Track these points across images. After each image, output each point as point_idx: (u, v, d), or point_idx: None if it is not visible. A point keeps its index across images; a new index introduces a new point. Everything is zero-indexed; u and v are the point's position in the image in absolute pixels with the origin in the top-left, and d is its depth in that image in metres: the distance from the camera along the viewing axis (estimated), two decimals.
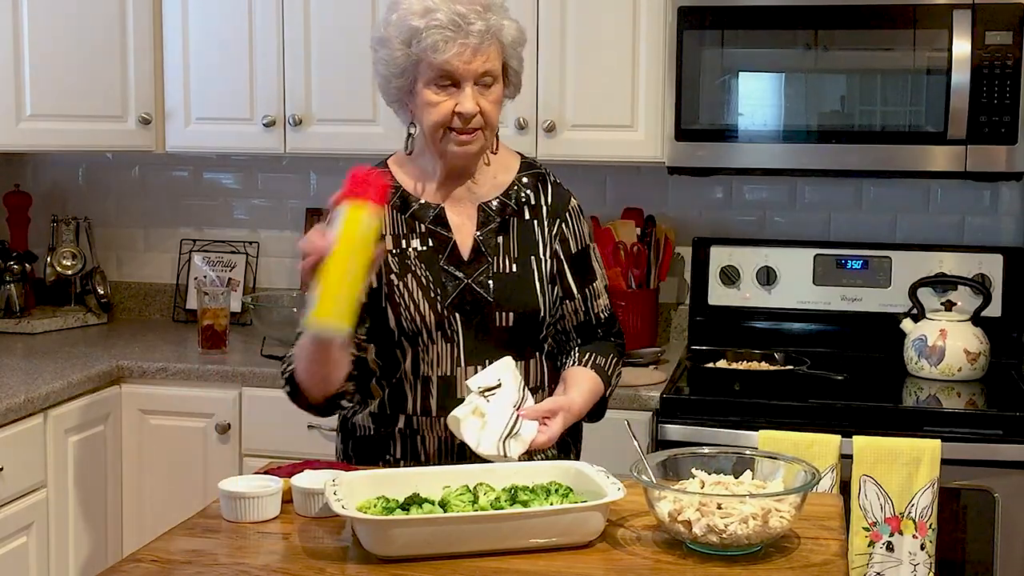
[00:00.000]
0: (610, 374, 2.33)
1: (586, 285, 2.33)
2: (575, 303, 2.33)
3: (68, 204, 4.00)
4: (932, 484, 2.77)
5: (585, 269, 2.33)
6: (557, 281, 2.31)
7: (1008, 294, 3.34)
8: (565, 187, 2.38)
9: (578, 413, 2.26)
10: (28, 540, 2.93)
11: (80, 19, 3.42)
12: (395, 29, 2.16)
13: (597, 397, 2.32)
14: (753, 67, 3.23)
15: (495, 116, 2.20)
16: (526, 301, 2.25)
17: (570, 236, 2.33)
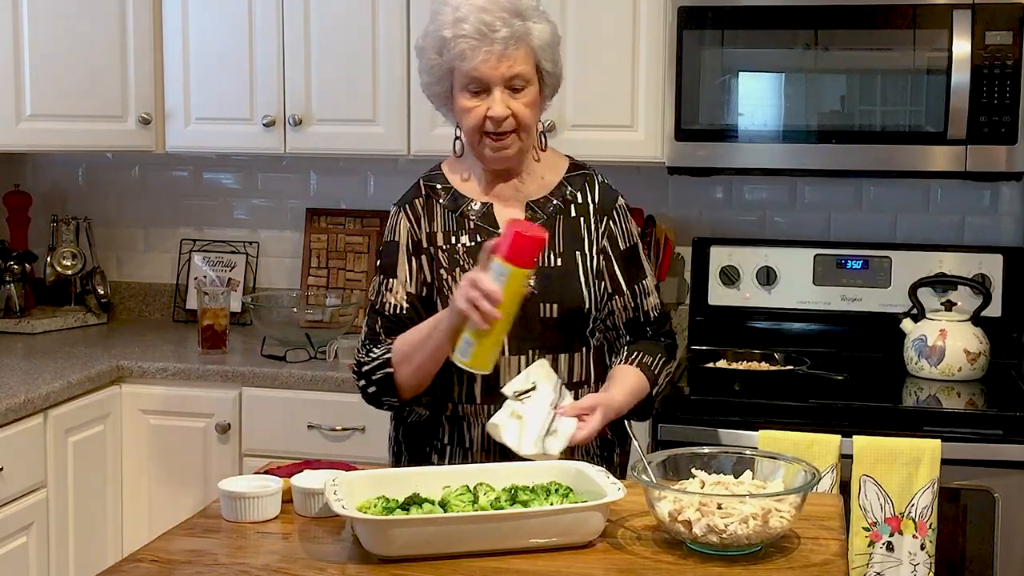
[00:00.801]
0: (656, 372, 2.36)
1: (635, 282, 2.38)
2: (624, 299, 2.37)
3: (68, 204, 4.00)
4: (932, 484, 2.77)
5: (635, 266, 2.39)
6: (605, 277, 2.35)
7: (1008, 294, 3.34)
8: (614, 187, 2.44)
9: (618, 409, 2.27)
10: (28, 540, 2.93)
11: (80, 19, 3.42)
12: (430, 40, 2.28)
13: (641, 395, 2.34)
14: (753, 67, 3.23)
15: (528, 118, 2.26)
16: (570, 294, 2.30)
17: (618, 233, 2.38)
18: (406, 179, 3.81)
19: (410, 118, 3.40)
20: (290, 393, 3.23)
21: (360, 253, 3.78)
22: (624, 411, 2.30)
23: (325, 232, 3.81)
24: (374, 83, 3.41)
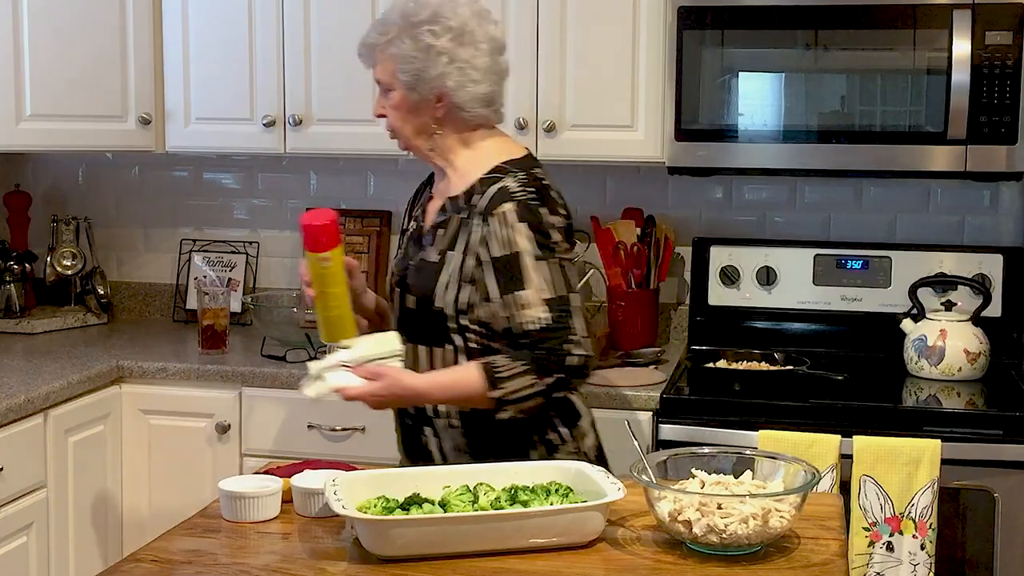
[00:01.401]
0: (500, 376, 2.26)
1: (508, 292, 2.29)
2: (494, 307, 2.32)
3: (68, 204, 4.00)
4: (932, 484, 2.77)
5: (510, 276, 2.30)
6: (475, 282, 2.33)
7: (1008, 294, 3.34)
8: (513, 196, 2.33)
9: (414, 390, 2.31)
10: (28, 540, 2.93)
11: (80, 19, 3.42)
12: None
13: (463, 391, 2.30)
14: (753, 67, 3.23)
15: (393, 119, 2.46)
16: (426, 290, 2.38)
17: (493, 239, 2.31)
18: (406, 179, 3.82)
19: None
20: (290, 393, 3.22)
21: (360, 253, 3.78)
22: (429, 399, 2.35)
23: None
24: (374, 83, 3.41)
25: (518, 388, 2.26)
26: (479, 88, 2.39)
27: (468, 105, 2.40)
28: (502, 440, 2.36)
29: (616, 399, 3.04)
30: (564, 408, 2.43)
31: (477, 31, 2.39)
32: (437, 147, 2.45)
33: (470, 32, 2.38)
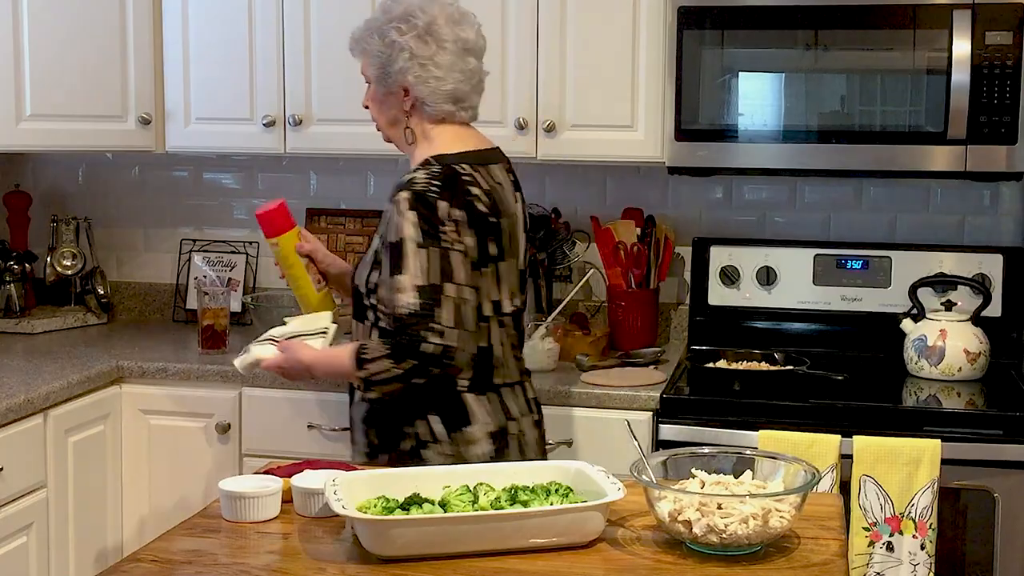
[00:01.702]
0: (365, 357, 2.37)
1: (391, 275, 2.39)
2: (383, 289, 2.44)
3: (68, 204, 4.00)
4: (932, 484, 2.77)
5: (394, 261, 2.38)
6: (379, 263, 2.48)
7: (1008, 294, 3.34)
8: (418, 185, 2.41)
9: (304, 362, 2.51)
10: (28, 540, 2.93)
11: (80, 19, 3.42)
12: None
13: (338, 369, 2.46)
14: (753, 67, 3.23)
15: (371, 110, 2.65)
16: (356, 271, 2.59)
17: (389, 225, 2.42)
18: None
19: None
20: (290, 393, 3.22)
21: (360, 253, 3.78)
22: (316, 373, 2.53)
23: (325, 232, 3.81)
24: None
25: (378, 371, 2.36)
26: (442, 84, 2.51)
27: (430, 99, 2.52)
28: (384, 421, 2.50)
29: (616, 399, 3.04)
30: (450, 407, 2.46)
31: (444, 30, 2.50)
32: (405, 138, 2.59)
33: (436, 31, 2.50)
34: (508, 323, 2.56)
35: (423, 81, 2.50)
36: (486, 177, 2.50)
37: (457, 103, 2.54)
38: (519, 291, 2.60)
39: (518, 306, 2.60)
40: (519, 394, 2.58)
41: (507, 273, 2.53)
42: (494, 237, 2.48)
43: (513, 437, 2.53)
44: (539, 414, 2.66)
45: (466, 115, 2.57)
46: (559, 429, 3.06)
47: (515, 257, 2.57)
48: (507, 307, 2.54)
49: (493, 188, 2.50)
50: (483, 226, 2.45)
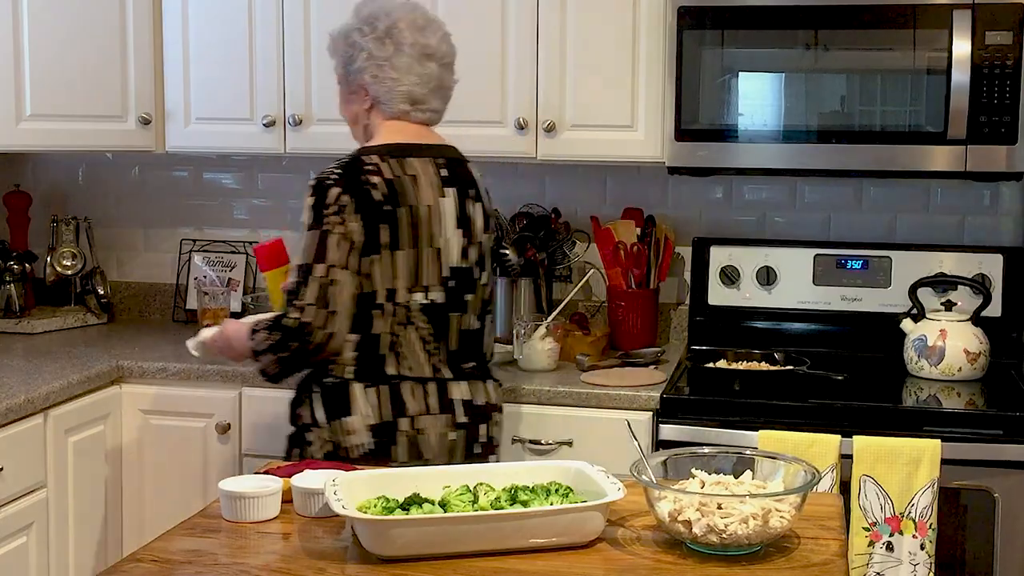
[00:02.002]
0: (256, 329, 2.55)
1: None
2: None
3: (68, 204, 4.00)
4: (932, 484, 2.77)
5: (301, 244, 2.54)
6: None
7: (1008, 294, 3.35)
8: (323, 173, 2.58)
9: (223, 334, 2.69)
10: (28, 540, 2.93)
11: (80, 19, 3.42)
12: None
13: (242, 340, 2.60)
14: (753, 67, 3.23)
15: (340, 108, 2.77)
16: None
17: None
18: None
19: None
20: (290, 393, 3.21)
21: None
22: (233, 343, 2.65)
23: None
24: None
25: (259, 342, 2.51)
26: (397, 85, 2.62)
27: (386, 98, 2.64)
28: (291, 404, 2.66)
29: (616, 399, 3.04)
30: (334, 394, 2.54)
31: (404, 35, 2.61)
32: (363, 135, 2.72)
33: (396, 35, 2.61)
34: (418, 316, 2.57)
35: (380, 81, 2.63)
36: (394, 168, 2.56)
37: (414, 104, 2.65)
38: (440, 284, 2.60)
39: (437, 300, 2.60)
40: (431, 393, 2.58)
41: (406, 263, 2.55)
42: (388, 225, 2.52)
43: (403, 435, 2.54)
44: (472, 418, 2.64)
45: (422, 116, 2.67)
46: (559, 429, 3.06)
47: (423, 248, 2.57)
48: (407, 298, 2.55)
49: (399, 179, 2.55)
50: (375, 213, 2.51)
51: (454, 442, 2.60)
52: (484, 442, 2.68)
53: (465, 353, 2.66)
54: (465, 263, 2.65)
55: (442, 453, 2.59)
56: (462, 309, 2.65)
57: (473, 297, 2.67)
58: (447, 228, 2.61)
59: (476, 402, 2.65)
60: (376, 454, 2.53)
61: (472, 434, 2.64)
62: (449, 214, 2.62)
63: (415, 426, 2.56)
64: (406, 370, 2.56)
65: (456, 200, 2.64)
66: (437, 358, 2.60)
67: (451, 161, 2.68)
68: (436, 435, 2.58)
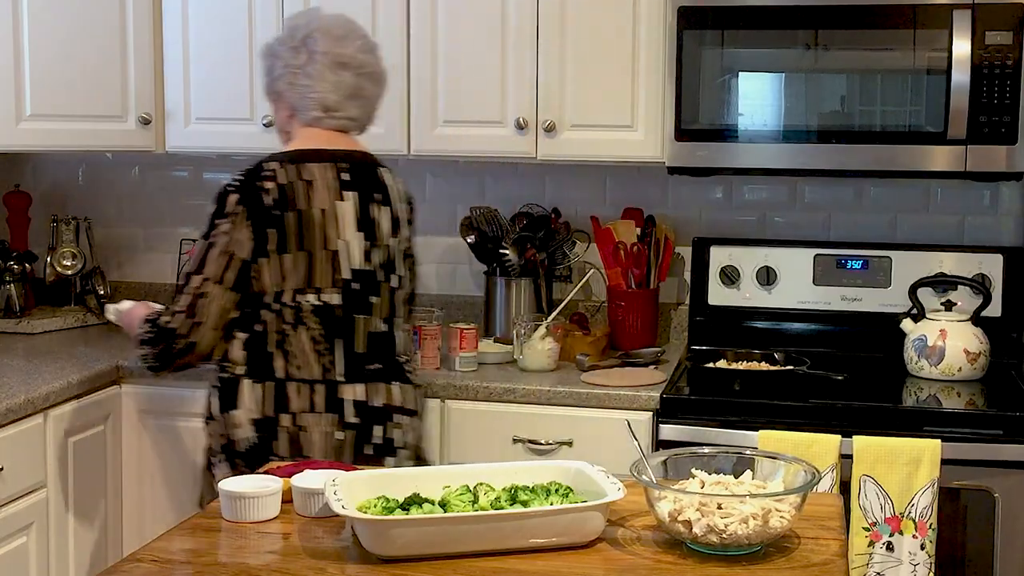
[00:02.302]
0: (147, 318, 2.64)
1: None
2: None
3: (68, 204, 4.00)
4: (932, 484, 2.77)
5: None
6: None
7: (1008, 294, 3.35)
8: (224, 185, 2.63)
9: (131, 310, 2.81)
10: (28, 540, 2.93)
11: (80, 19, 3.42)
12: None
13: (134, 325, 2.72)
14: (753, 67, 3.23)
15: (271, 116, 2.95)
16: None
17: None
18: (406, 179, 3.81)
19: (410, 118, 3.40)
20: None
21: None
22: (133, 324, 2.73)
23: None
24: None
25: (141, 333, 2.63)
26: (310, 92, 2.69)
27: (300, 105, 2.71)
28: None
29: (616, 399, 3.04)
30: (226, 388, 2.62)
31: (318, 44, 2.68)
32: (284, 142, 2.78)
33: (311, 44, 2.69)
34: (309, 317, 2.60)
35: (294, 88, 2.70)
36: (290, 173, 2.60)
37: (327, 111, 2.70)
38: (335, 286, 2.62)
39: (331, 302, 2.62)
40: (318, 392, 2.61)
41: (295, 266, 2.59)
42: (275, 229, 2.57)
43: (284, 430, 2.59)
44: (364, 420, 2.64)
45: (335, 123, 2.72)
46: (559, 429, 3.06)
47: (316, 250, 2.60)
48: (297, 300, 2.59)
49: (292, 184, 2.60)
50: (264, 218, 2.57)
51: (341, 442, 2.62)
52: (379, 444, 2.67)
53: (372, 355, 2.68)
54: (368, 265, 2.67)
55: (328, 452, 2.62)
56: (367, 311, 2.67)
57: (379, 300, 2.69)
58: (345, 231, 2.64)
59: (372, 403, 2.66)
60: (260, 448, 2.60)
61: (363, 435, 2.65)
62: (348, 217, 2.65)
63: (296, 423, 2.60)
64: (294, 369, 2.60)
65: (356, 203, 2.66)
66: (328, 359, 2.63)
67: (357, 165, 2.70)
68: (320, 433, 2.61)
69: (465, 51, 3.35)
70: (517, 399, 3.09)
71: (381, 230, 2.70)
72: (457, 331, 3.22)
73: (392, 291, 2.72)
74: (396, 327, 2.74)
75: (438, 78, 3.37)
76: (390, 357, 2.71)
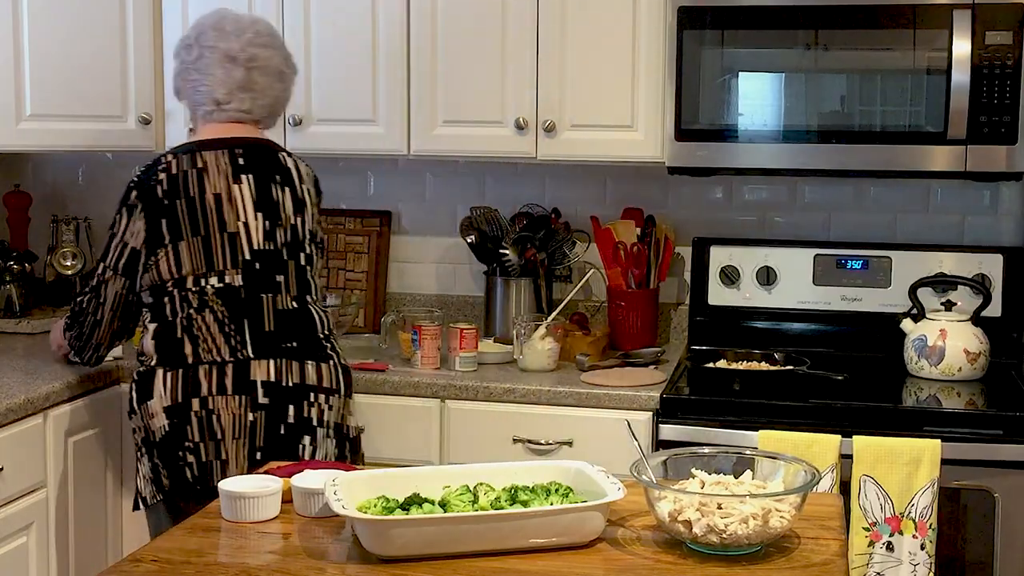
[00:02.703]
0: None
1: None
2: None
3: (68, 204, 4.00)
4: (932, 484, 2.77)
5: None
6: None
7: (1008, 294, 3.34)
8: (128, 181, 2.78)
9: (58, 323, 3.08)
10: (28, 540, 2.92)
11: (80, 19, 3.42)
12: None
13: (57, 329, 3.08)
14: (753, 67, 3.23)
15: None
16: None
17: None
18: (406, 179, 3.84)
19: (410, 118, 3.40)
20: None
21: (360, 253, 3.78)
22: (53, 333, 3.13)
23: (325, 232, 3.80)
24: (374, 83, 3.42)
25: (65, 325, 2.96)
26: (199, 85, 2.80)
27: (195, 99, 2.83)
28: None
29: (616, 399, 3.04)
30: (142, 382, 2.72)
31: (209, 40, 2.79)
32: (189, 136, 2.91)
33: (201, 41, 2.80)
34: (213, 300, 2.66)
35: (189, 83, 2.84)
36: (183, 162, 2.72)
37: (218, 105, 2.80)
38: (236, 268, 2.68)
39: (234, 283, 2.68)
40: (227, 374, 2.65)
41: (191, 251, 2.67)
42: (167, 219, 2.69)
43: (195, 415, 2.64)
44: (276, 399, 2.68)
45: (227, 115, 2.80)
46: (559, 429, 3.06)
47: (213, 234, 2.68)
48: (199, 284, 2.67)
49: (185, 172, 2.71)
50: (157, 209, 2.69)
51: (253, 423, 2.66)
52: (292, 423, 2.70)
53: (284, 333, 2.71)
54: (271, 245, 2.73)
55: (240, 434, 2.66)
56: (274, 290, 2.72)
57: (285, 277, 2.74)
58: (245, 212, 2.71)
59: (284, 383, 2.69)
60: (173, 436, 2.65)
61: (276, 415, 2.68)
62: (246, 199, 2.72)
63: (207, 406, 2.64)
64: (203, 352, 2.66)
65: (253, 185, 2.74)
66: (237, 339, 2.67)
67: (253, 149, 2.78)
68: (231, 416, 2.65)
69: (465, 51, 3.35)
70: (517, 399, 3.09)
71: (285, 210, 2.77)
72: (457, 331, 3.22)
73: (302, 269, 2.77)
74: (311, 305, 2.78)
75: (438, 78, 3.37)
76: (306, 334, 2.75)
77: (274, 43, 2.88)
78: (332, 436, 2.77)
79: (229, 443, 2.66)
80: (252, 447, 2.68)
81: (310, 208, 2.85)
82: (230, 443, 2.66)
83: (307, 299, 2.78)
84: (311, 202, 2.86)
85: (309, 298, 2.79)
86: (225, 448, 2.66)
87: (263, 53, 2.83)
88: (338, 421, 2.79)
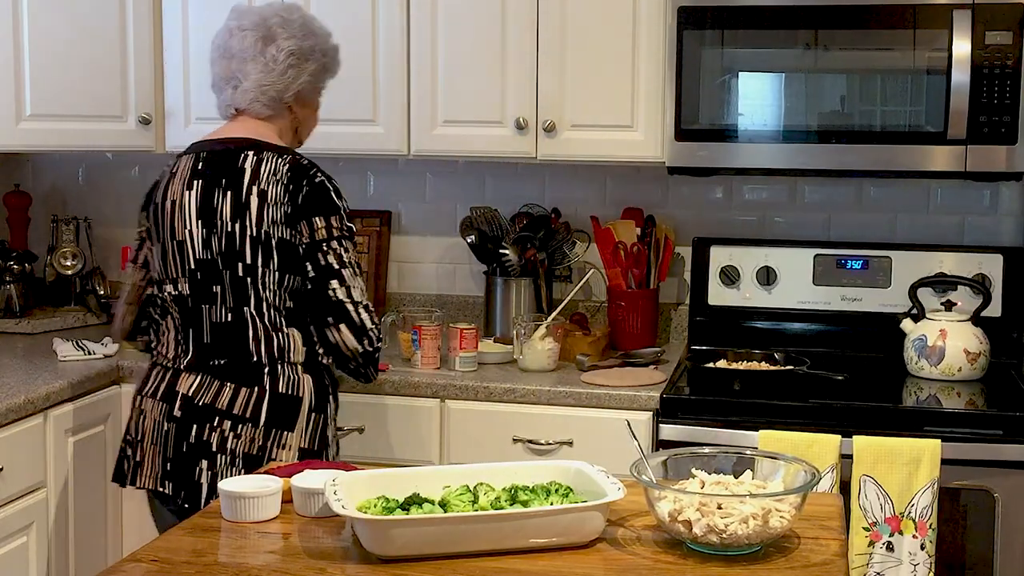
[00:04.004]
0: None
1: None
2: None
3: (68, 204, 4.00)
4: (932, 484, 2.77)
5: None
6: None
7: (1008, 294, 3.35)
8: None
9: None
10: (28, 540, 2.93)
11: (80, 19, 3.42)
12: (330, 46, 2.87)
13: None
14: (753, 67, 3.23)
15: None
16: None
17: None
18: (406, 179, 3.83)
19: (410, 118, 3.40)
20: None
21: (360, 253, 3.78)
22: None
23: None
24: (374, 83, 3.42)
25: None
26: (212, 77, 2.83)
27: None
28: None
29: (616, 399, 3.04)
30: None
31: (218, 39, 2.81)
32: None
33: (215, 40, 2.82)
34: (171, 306, 2.69)
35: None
36: (172, 167, 2.74)
37: (218, 97, 2.82)
38: (183, 275, 2.66)
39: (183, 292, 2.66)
40: (164, 379, 2.67)
41: (156, 257, 2.71)
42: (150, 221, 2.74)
43: (135, 411, 2.71)
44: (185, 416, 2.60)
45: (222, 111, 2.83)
46: (559, 429, 3.06)
47: (167, 241, 2.68)
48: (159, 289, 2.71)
49: (163, 177, 2.74)
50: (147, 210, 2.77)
51: (167, 433, 2.64)
52: (192, 443, 2.59)
53: (217, 348, 2.63)
54: (208, 255, 2.63)
55: (157, 441, 2.66)
56: (211, 301, 2.63)
57: (222, 289, 2.61)
58: (189, 220, 2.66)
59: (197, 401, 2.60)
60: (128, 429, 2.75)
61: (183, 431, 2.61)
62: (192, 206, 2.66)
63: (140, 406, 2.70)
64: (159, 356, 2.72)
65: (199, 192, 2.65)
66: (182, 348, 2.68)
67: (216, 153, 2.69)
68: (152, 420, 2.66)
69: (465, 51, 3.35)
70: (517, 399, 3.09)
71: (222, 217, 2.61)
72: (457, 331, 3.22)
73: (239, 280, 2.60)
74: (248, 319, 2.61)
75: (438, 78, 3.37)
76: (238, 352, 2.61)
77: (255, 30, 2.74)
78: (241, 467, 2.57)
79: (147, 446, 2.65)
80: (164, 456, 2.62)
81: (269, 210, 2.58)
82: (148, 447, 2.65)
83: (244, 311, 2.60)
84: (273, 202, 2.58)
85: (248, 309, 2.60)
86: (143, 450, 2.67)
87: (241, 44, 2.75)
88: (250, 452, 2.57)
